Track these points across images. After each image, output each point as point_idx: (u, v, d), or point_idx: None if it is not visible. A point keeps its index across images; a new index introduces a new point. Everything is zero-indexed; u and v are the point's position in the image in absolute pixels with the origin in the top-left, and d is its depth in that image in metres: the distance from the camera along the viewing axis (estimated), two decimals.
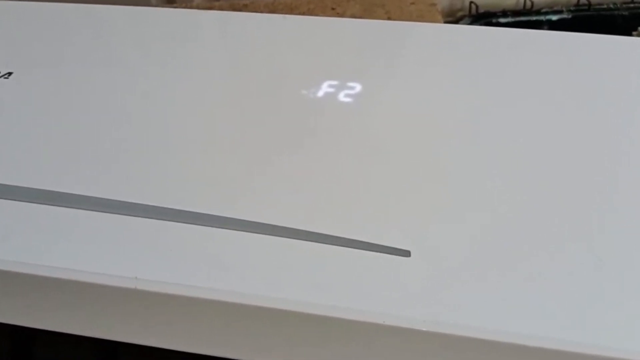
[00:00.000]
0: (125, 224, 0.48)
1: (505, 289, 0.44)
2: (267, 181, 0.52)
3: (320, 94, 0.62)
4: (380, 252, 0.45)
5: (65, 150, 0.56)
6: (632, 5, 1.27)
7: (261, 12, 0.99)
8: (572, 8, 1.27)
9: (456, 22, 1.28)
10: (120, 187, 0.52)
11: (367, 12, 1.05)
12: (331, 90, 0.63)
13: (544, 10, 1.27)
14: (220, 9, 1.02)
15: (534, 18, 1.27)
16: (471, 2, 1.29)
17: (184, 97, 0.62)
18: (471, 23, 1.26)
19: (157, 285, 0.44)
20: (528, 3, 1.28)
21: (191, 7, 1.04)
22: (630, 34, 1.18)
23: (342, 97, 0.62)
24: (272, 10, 1.03)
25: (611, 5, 1.27)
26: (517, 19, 1.27)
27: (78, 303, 0.46)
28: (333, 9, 1.09)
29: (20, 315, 0.48)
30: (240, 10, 1.00)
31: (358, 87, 0.63)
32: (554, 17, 1.27)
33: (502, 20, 1.26)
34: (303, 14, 1.02)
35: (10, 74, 0.66)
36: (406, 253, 0.45)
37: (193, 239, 0.47)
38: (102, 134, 0.58)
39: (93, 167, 0.54)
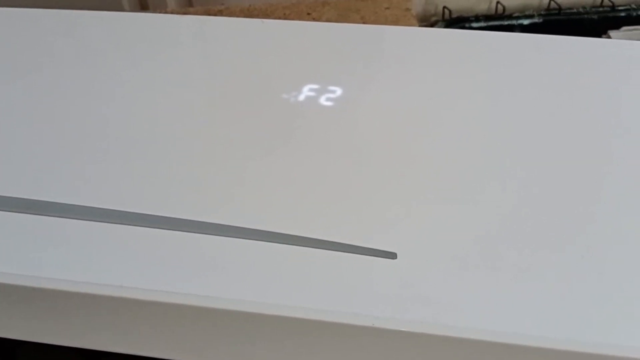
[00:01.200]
0: (107, 232, 0.48)
1: (492, 288, 0.44)
2: (251, 186, 0.52)
3: (301, 97, 0.62)
4: (367, 254, 0.45)
5: (44, 159, 0.55)
6: (601, 9, 1.30)
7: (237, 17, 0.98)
8: (543, 12, 1.30)
9: (430, 26, 1.29)
10: (100, 194, 0.51)
11: (342, 17, 1.05)
12: (312, 94, 0.62)
13: (515, 14, 1.29)
14: (196, 14, 1.01)
15: (506, 22, 1.29)
16: (444, 7, 1.31)
17: (162, 102, 0.62)
18: (445, 27, 1.28)
19: (144, 293, 0.44)
20: (500, 8, 1.30)
21: (165, 13, 1.03)
22: (599, 37, 1.20)
23: (323, 100, 0.62)
24: (248, 15, 1.03)
25: (581, 10, 1.30)
26: (490, 23, 1.29)
27: (63, 313, 0.45)
28: (309, 14, 1.09)
29: (4, 327, 0.47)
30: (215, 15, 0.99)
31: (339, 91, 0.63)
32: (526, 22, 1.29)
33: (475, 24, 1.28)
34: (279, 19, 1.02)
35: None
36: (392, 255, 0.45)
37: (178, 246, 0.47)
38: (80, 142, 0.57)
39: (72, 175, 0.53)
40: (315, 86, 0.64)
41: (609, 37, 1.21)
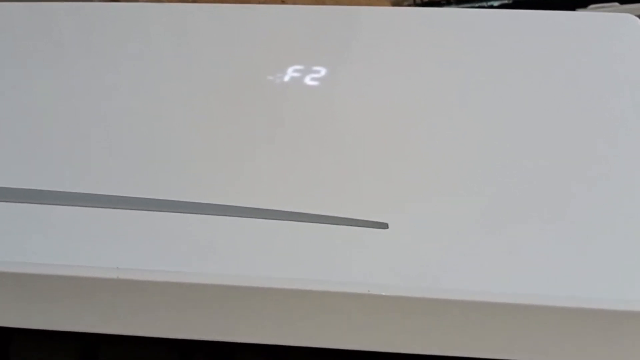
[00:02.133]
0: (101, 216, 0.48)
1: (481, 255, 0.46)
2: (244, 167, 0.52)
3: (286, 78, 0.63)
4: (360, 226, 0.46)
5: (37, 149, 0.55)
6: None
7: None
8: None
9: None
10: (94, 180, 0.51)
11: (318, 3, 1.06)
12: (296, 75, 0.63)
13: None
14: (171, 2, 1.01)
15: (477, 5, 1.30)
16: None
17: (146, 90, 0.62)
18: None
19: (139, 273, 0.44)
20: None
21: (139, 1, 1.03)
22: None
23: (307, 81, 0.62)
24: (224, 2, 1.03)
25: None
26: (461, 6, 1.30)
27: (60, 298, 0.45)
28: (283, 1, 1.09)
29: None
30: (191, 2, 0.99)
31: (322, 71, 0.64)
32: (496, 3, 1.30)
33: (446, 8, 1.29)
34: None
35: None
36: (384, 225, 0.46)
37: (172, 226, 0.47)
38: (75, 131, 0.57)
39: (67, 163, 0.53)
40: (298, 67, 0.64)
41: None
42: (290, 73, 0.63)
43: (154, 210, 0.48)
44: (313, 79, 0.63)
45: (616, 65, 0.63)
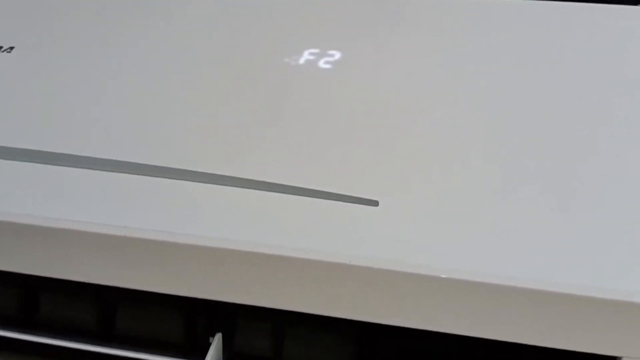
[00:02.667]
0: (115, 180, 0.53)
1: (469, 232, 0.48)
2: (243, 139, 0.56)
3: (297, 58, 0.66)
4: (351, 202, 0.49)
5: (57, 115, 0.61)
6: None
7: None
8: None
9: None
10: (110, 147, 0.56)
11: None
12: (308, 55, 0.66)
13: None
14: None
15: None
16: None
17: (164, 65, 0.66)
18: None
19: (145, 232, 0.48)
20: None
21: None
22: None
23: (320, 63, 0.65)
24: None
25: None
26: None
27: (76, 251, 0.50)
28: None
29: (26, 263, 0.52)
30: None
31: (332, 52, 0.66)
32: None
33: None
34: None
35: (12, 48, 0.70)
36: (374, 203, 0.49)
37: (178, 193, 0.51)
38: (94, 99, 0.62)
39: (85, 129, 0.58)
40: (305, 46, 0.67)
41: None
42: (303, 54, 0.66)
43: (162, 177, 0.52)
44: (325, 60, 0.65)
45: None
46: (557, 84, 0.61)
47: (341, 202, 0.49)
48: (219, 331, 0.52)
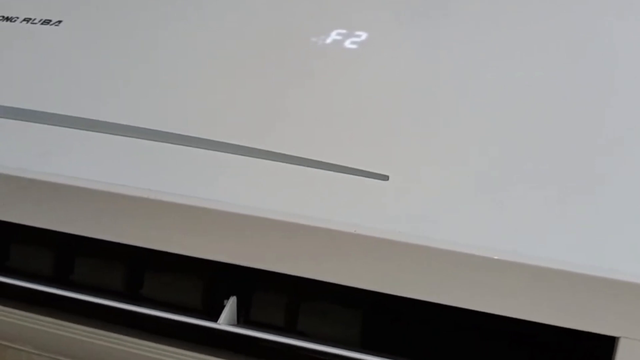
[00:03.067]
0: (144, 147, 0.56)
1: (475, 208, 0.49)
2: (265, 113, 0.58)
3: (323, 37, 0.67)
4: (361, 175, 0.51)
5: (102, 86, 0.64)
6: None
7: None
8: None
9: None
10: (146, 116, 0.59)
11: None
12: (333, 35, 0.67)
13: None
14: None
15: None
16: None
17: (193, 40, 0.69)
18: None
19: (167, 195, 0.51)
20: None
21: None
22: None
23: (332, 35, 0.66)
24: None
25: None
26: None
27: (105, 211, 0.54)
28: None
29: (59, 222, 0.56)
30: None
31: (336, 28, 0.67)
32: None
33: None
34: None
35: (60, 22, 0.74)
36: (384, 177, 0.51)
37: (199, 160, 0.54)
38: (135, 71, 0.66)
39: (125, 99, 0.62)
40: (322, 22, 0.68)
41: None
42: (330, 34, 0.67)
43: (185, 146, 0.55)
44: (351, 41, 0.66)
45: None
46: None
47: (350, 175, 0.51)
48: (234, 294, 0.55)
